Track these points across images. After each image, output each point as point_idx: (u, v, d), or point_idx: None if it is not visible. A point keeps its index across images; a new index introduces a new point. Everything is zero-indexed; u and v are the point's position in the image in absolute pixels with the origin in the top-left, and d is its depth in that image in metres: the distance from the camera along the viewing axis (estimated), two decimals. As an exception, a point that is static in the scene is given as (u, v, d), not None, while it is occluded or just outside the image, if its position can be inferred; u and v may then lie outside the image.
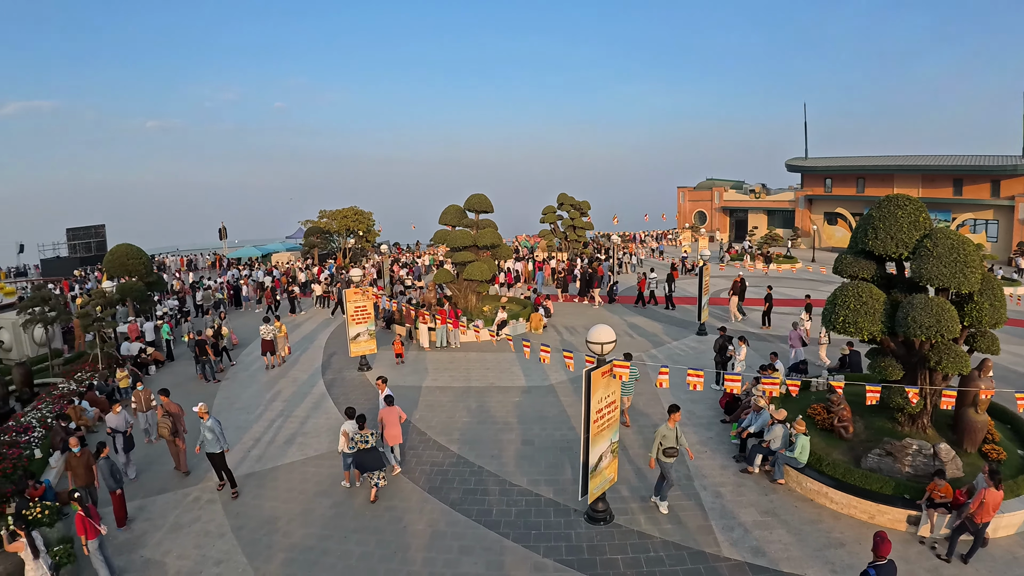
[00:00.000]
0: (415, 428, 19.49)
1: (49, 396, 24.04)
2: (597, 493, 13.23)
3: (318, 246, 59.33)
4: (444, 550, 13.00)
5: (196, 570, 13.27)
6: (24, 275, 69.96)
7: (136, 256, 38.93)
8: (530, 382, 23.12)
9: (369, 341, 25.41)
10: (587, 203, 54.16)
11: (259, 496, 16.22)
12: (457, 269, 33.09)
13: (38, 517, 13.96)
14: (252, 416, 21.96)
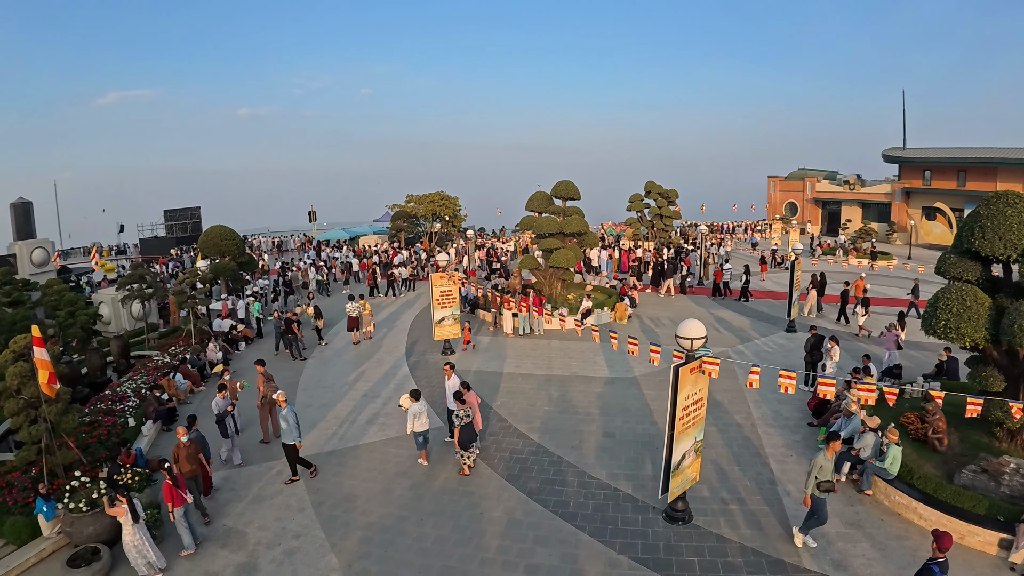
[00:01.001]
0: (496, 415, 19.56)
1: (144, 368, 25.07)
2: (678, 492, 12.91)
3: (405, 230, 60.02)
4: (519, 539, 12.99)
5: (275, 542, 13.70)
6: (124, 253, 73.13)
7: (229, 237, 40.16)
8: (613, 373, 22.83)
9: (453, 325, 25.59)
10: (675, 191, 53.00)
11: (339, 474, 16.60)
12: (543, 256, 32.99)
13: (129, 482, 14.56)
14: (336, 395, 22.45)
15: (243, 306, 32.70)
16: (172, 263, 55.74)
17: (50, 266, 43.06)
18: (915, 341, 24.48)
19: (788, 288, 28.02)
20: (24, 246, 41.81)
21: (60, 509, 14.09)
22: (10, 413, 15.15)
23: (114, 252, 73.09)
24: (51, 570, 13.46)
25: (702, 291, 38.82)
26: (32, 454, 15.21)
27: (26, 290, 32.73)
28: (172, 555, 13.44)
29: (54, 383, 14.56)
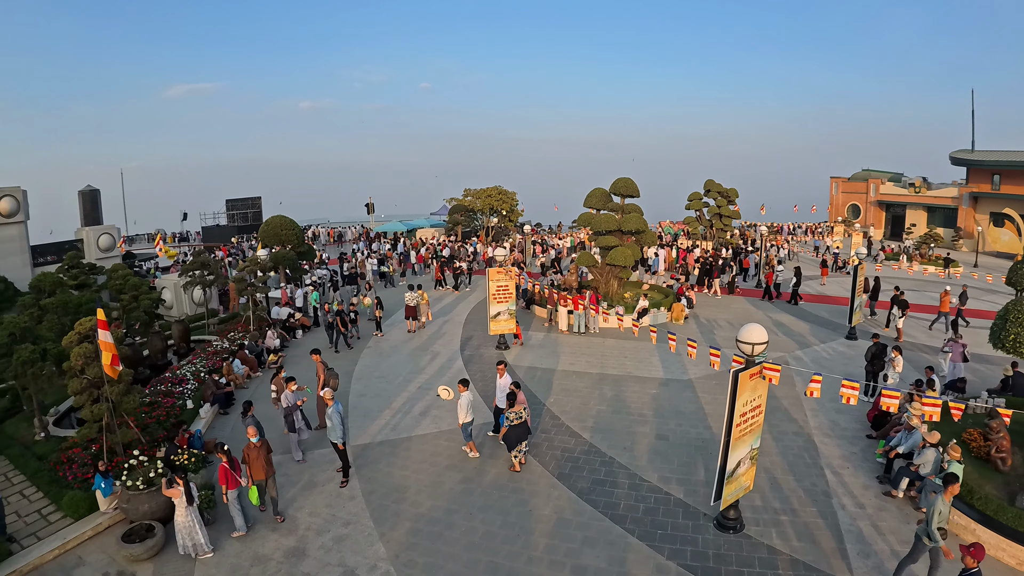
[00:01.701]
0: (548, 411, 19.55)
1: (203, 352, 25.74)
2: (730, 500, 12.70)
3: (462, 223, 60.22)
4: (567, 539, 12.96)
5: (325, 528, 13.95)
6: (186, 240, 74.86)
7: (289, 227, 41.04)
8: (668, 374, 22.60)
9: (509, 320, 25.64)
10: (735, 191, 51.58)
11: (391, 464, 16.80)
12: (600, 253, 32.82)
13: (185, 463, 15.05)
14: (391, 385, 22.71)
15: (301, 295, 33.33)
16: (233, 251, 56.91)
17: (115, 251, 44.45)
18: (978, 354, 23.55)
19: (850, 294, 27.33)
20: (91, 232, 43.19)
21: (118, 486, 14.59)
22: (74, 392, 15.72)
23: (177, 239, 74.95)
24: (106, 544, 13.96)
25: (749, 292, 38.30)
26: (93, 432, 15.79)
27: (92, 274, 33.81)
28: (223, 536, 13.84)
29: (117, 365, 15.04)
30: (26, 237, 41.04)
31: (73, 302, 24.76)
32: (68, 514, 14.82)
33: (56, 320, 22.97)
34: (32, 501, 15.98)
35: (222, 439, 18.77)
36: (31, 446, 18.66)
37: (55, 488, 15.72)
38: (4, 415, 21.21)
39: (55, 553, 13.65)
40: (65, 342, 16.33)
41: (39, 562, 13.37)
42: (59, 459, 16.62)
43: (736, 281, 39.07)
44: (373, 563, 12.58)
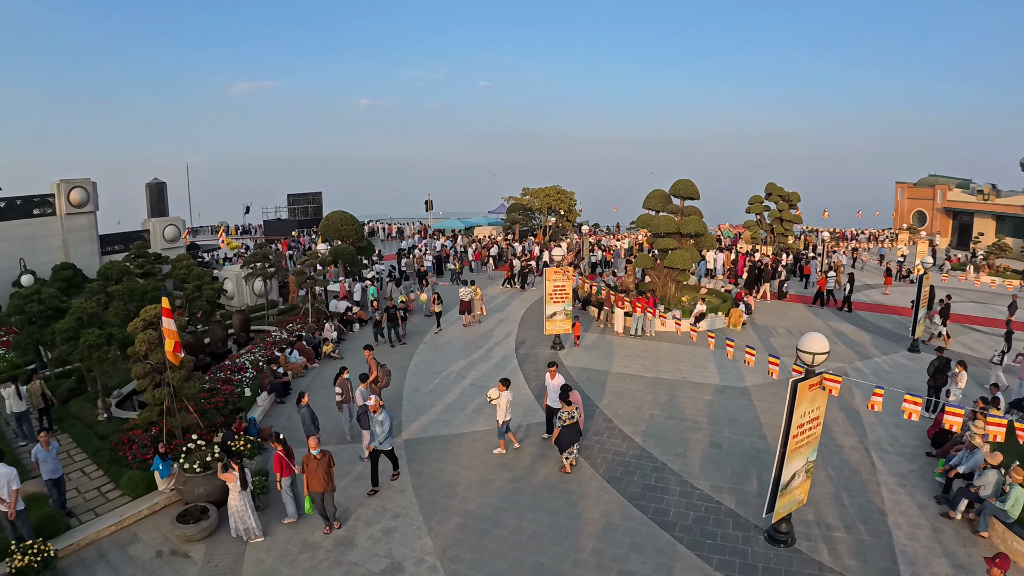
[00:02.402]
0: (601, 414, 19.51)
1: (262, 342, 26.38)
2: (783, 513, 12.48)
3: (519, 222, 60.24)
4: (615, 543, 12.90)
5: (374, 519, 14.21)
6: (248, 233, 76.58)
7: (349, 222, 41.62)
8: (724, 381, 22.30)
9: (564, 321, 25.63)
10: (796, 194, 50.87)
11: (442, 460, 17.00)
12: (658, 256, 32.59)
13: (241, 449, 15.52)
14: (445, 382, 22.95)
15: (360, 289, 33.77)
16: (293, 245, 57.97)
17: (180, 242, 45.93)
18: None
19: (914, 304, 26.59)
20: (157, 223, 44.69)
21: (175, 468, 15.11)
22: (137, 376, 16.38)
23: (239, 232, 76.62)
24: (161, 523, 14.50)
25: (799, 298, 37.60)
26: (154, 415, 16.43)
27: (158, 263, 34.90)
28: (275, 521, 14.26)
29: (179, 352, 15.57)
30: (95, 227, 42.56)
31: (138, 290, 25.56)
32: (126, 492, 15.44)
33: (122, 306, 23.79)
34: (92, 478, 16.65)
35: (278, 427, 19.29)
36: (94, 426, 19.44)
37: (115, 467, 16.43)
38: (69, 395, 22.04)
39: (111, 529, 14.25)
40: (130, 328, 16.96)
41: (95, 537, 13.95)
42: (120, 439, 17.28)
43: (787, 287, 38.39)
44: (420, 556, 12.75)
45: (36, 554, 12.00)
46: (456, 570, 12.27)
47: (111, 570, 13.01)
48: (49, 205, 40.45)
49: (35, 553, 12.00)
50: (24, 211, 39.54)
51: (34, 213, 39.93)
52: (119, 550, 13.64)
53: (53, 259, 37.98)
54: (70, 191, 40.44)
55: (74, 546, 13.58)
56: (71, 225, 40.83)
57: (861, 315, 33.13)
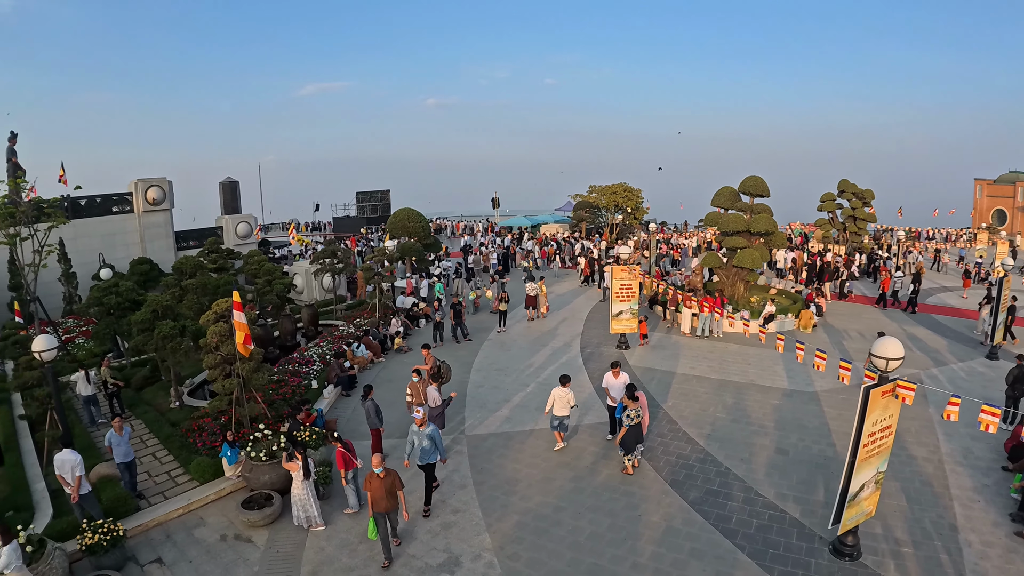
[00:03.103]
0: (666, 415, 19.26)
1: (330, 336, 26.91)
2: (850, 525, 11.98)
3: (586, 220, 59.96)
4: (674, 548, 12.68)
5: (434, 513, 14.36)
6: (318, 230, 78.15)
7: (416, 219, 42.31)
8: (792, 385, 21.71)
9: (631, 320, 25.40)
10: (870, 192, 49.01)
11: (504, 456, 17.05)
12: (726, 254, 32.05)
13: (306, 440, 15.86)
14: (509, 378, 23.07)
15: (426, 285, 34.08)
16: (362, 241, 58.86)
17: (252, 239, 47.51)
18: None
19: (993, 310, 25.36)
20: (230, 220, 46.33)
21: (242, 456, 15.56)
22: (208, 366, 17.04)
23: (309, 229, 78.20)
24: (227, 508, 15.02)
25: (860, 299, 36.45)
26: (223, 404, 17.01)
27: (230, 259, 35.94)
28: (336, 511, 14.60)
29: (249, 344, 16.03)
30: (171, 223, 44.70)
31: (211, 284, 26.27)
32: (194, 477, 16.04)
33: (195, 300, 24.55)
34: (163, 463, 17.42)
35: (343, 420, 19.66)
36: (166, 413, 20.35)
37: (185, 453, 17.11)
38: (144, 383, 22.86)
39: (179, 512, 14.84)
40: (202, 320, 17.52)
41: (164, 519, 14.57)
42: (190, 427, 18.03)
43: (849, 287, 37.27)
44: (478, 552, 12.82)
45: (105, 533, 12.53)
46: (512, 568, 12.28)
47: (177, 551, 13.50)
48: (127, 203, 42.54)
49: (104, 532, 12.53)
50: (104, 208, 41.59)
51: (113, 210, 42.07)
52: (185, 532, 14.18)
53: (131, 254, 39.65)
54: (147, 189, 42.44)
55: (142, 527, 14.19)
56: (148, 222, 42.78)
57: (937, 319, 31.93)
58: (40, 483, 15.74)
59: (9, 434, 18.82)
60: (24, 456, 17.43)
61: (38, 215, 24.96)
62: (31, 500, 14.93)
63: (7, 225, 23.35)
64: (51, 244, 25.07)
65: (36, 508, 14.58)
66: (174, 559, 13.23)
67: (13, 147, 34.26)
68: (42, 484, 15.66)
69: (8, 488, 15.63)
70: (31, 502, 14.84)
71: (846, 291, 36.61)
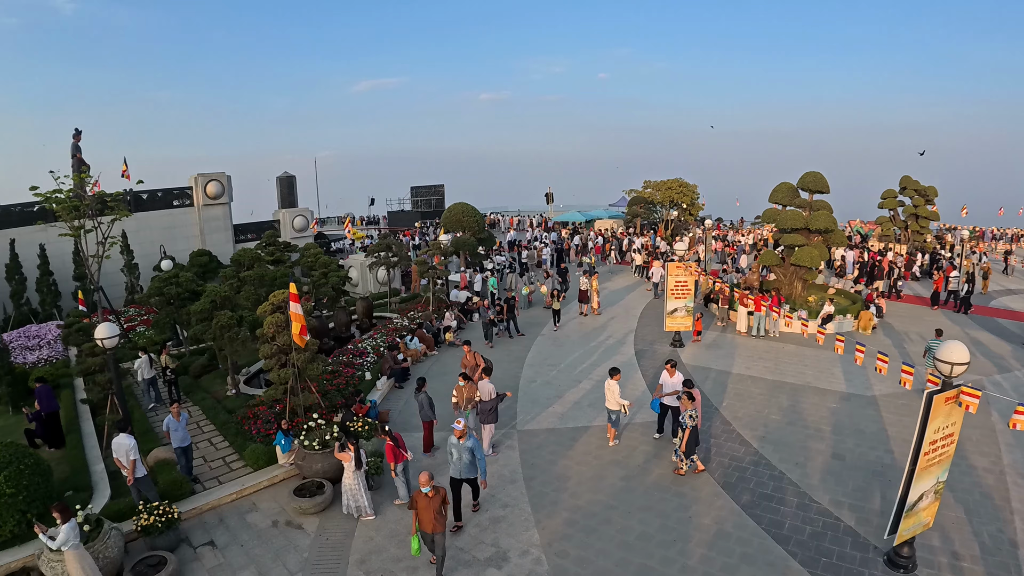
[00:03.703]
0: (720, 416, 19.06)
1: (384, 328, 27.20)
2: (907, 536, 11.62)
3: (641, 215, 59.50)
4: (725, 552, 12.51)
5: (483, 507, 14.44)
6: (374, 224, 79.19)
7: (471, 214, 42.47)
8: (850, 388, 21.21)
9: (685, 318, 25.22)
10: (933, 189, 47.08)
11: (555, 452, 17.05)
12: (784, 252, 31.54)
13: (359, 430, 16.16)
14: (561, 374, 23.08)
15: (480, 280, 34.24)
16: (416, 235, 59.44)
17: (308, 232, 48.48)
18: None
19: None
20: (287, 214, 47.48)
21: (296, 444, 15.91)
22: (264, 356, 17.45)
23: (364, 223, 79.19)
24: (279, 495, 15.37)
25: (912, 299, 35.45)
26: (278, 393, 17.39)
27: (287, 251, 36.74)
28: (387, 501, 14.85)
29: (305, 335, 16.37)
30: (229, 217, 46.28)
31: (269, 276, 26.88)
32: (248, 464, 16.47)
33: (253, 291, 25.19)
34: (218, 449, 17.97)
35: (395, 412, 19.92)
36: (222, 400, 20.97)
37: (240, 439, 17.59)
38: (202, 371, 23.50)
39: (232, 497, 15.27)
40: (260, 311, 17.92)
41: (217, 503, 15.01)
42: (246, 414, 18.54)
43: (900, 286, 36.29)
44: (526, 548, 12.84)
45: (161, 515, 12.98)
46: (560, 565, 12.28)
47: (229, 534, 13.90)
48: (187, 197, 44.09)
49: (160, 514, 12.98)
50: (165, 202, 43.29)
51: (174, 204, 43.67)
52: (238, 516, 14.59)
53: (190, 246, 40.91)
54: (206, 184, 43.89)
55: (196, 510, 14.67)
56: (207, 215, 44.25)
57: (1001, 323, 30.74)
58: (99, 465, 16.30)
59: (71, 418, 19.54)
60: (84, 439, 18.07)
61: (101, 208, 25.73)
62: (90, 481, 15.46)
63: (72, 218, 24.10)
64: (114, 236, 25.94)
65: (95, 489, 15.09)
66: (226, 542, 13.61)
67: (77, 144, 35.32)
68: (101, 466, 16.21)
69: (68, 469, 16.28)
70: (90, 483, 15.37)
71: (897, 290, 35.65)
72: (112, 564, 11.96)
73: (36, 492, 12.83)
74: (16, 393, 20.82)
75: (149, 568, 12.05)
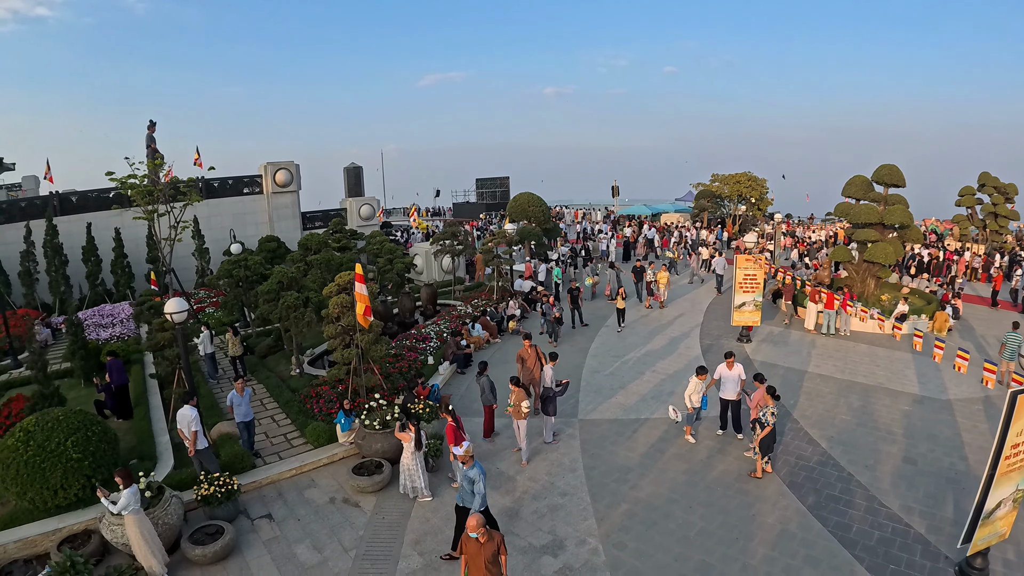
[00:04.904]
0: (787, 414, 18.58)
1: (448, 315, 27.32)
2: (981, 546, 11.00)
3: (708, 209, 58.58)
4: (788, 553, 12.13)
5: (541, 494, 14.41)
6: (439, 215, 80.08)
7: (536, 204, 42.48)
8: (924, 391, 20.35)
9: (754, 312, 24.74)
10: (1014, 186, 45.05)
11: (617, 443, 16.92)
12: (857, 249, 30.63)
13: (420, 412, 16.22)
14: (625, 365, 22.97)
15: (544, 270, 34.18)
16: (481, 226, 59.78)
17: (375, 220, 49.36)
18: None
19: None
20: (353, 202, 48.50)
21: (356, 424, 16.20)
22: (329, 336, 17.80)
23: (430, 214, 79.98)
24: (338, 473, 15.68)
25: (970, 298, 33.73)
26: (341, 373, 17.76)
27: (353, 239, 37.31)
28: (444, 484, 15.00)
29: (369, 315, 16.66)
30: (298, 204, 47.78)
31: (335, 260, 27.20)
32: (309, 441, 16.83)
33: (319, 274, 25.70)
34: (280, 426, 18.36)
35: (456, 397, 20.05)
36: (286, 380, 21.47)
37: (302, 417, 17.97)
38: (268, 351, 23.99)
39: (292, 473, 15.59)
40: (326, 292, 18.28)
41: (277, 478, 15.36)
42: (309, 393, 18.89)
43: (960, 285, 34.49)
44: (583, 537, 12.72)
45: (221, 485, 13.32)
46: (618, 556, 12.13)
47: (287, 509, 14.19)
48: (257, 185, 45.40)
49: (220, 485, 13.32)
50: (235, 190, 44.90)
51: (244, 192, 44.97)
52: (297, 492, 14.89)
53: (259, 232, 42.15)
54: (276, 172, 45.14)
55: (256, 484, 15.04)
56: (276, 203, 45.62)
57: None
58: (164, 436, 16.82)
59: (140, 391, 20.15)
60: (152, 411, 18.68)
61: (174, 194, 26.47)
62: (155, 451, 15.94)
63: (146, 203, 24.82)
64: (186, 221, 26.71)
65: (159, 458, 15.56)
66: (283, 516, 13.89)
67: (152, 135, 36.40)
68: (166, 437, 16.74)
69: (135, 439, 16.81)
70: (155, 453, 15.84)
71: (957, 290, 34.12)
72: (171, 530, 12.27)
73: (102, 458, 13.26)
74: (88, 367, 21.53)
75: (207, 536, 12.41)
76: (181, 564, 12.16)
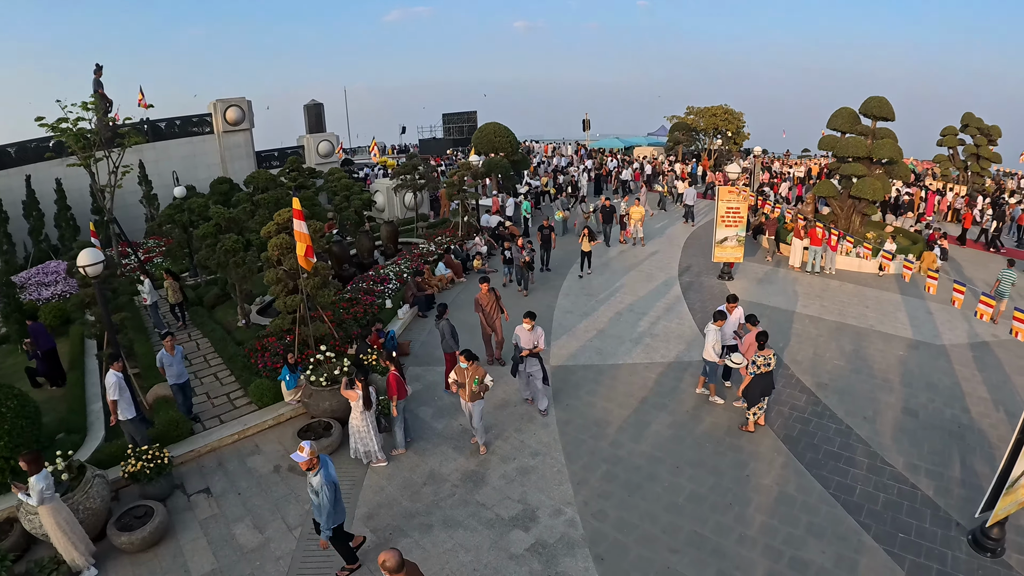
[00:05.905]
0: (778, 361, 17.13)
1: (409, 254, 25.69)
2: (1002, 515, 9.78)
3: (683, 143, 56.98)
4: (789, 521, 10.84)
5: (511, 455, 13.00)
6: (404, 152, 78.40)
7: (503, 134, 40.78)
8: (918, 335, 19.08)
9: (736, 248, 23.41)
10: (997, 128, 43.30)
11: (593, 392, 15.49)
12: (842, 184, 29.26)
13: (373, 364, 14.65)
14: (600, 305, 21.58)
15: (512, 204, 32.70)
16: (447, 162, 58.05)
17: (334, 157, 47.68)
18: None
19: None
20: (312, 139, 46.96)
21: (302, 380, 14.39)
22: (269, 282, 15.79)
23: (396, 152, 77.81)
24: (284, 436, 14.09)
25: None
26: (287, 323, 15.80)
27: (312, 177, 35.61)
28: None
29: (311, 256, 14.66)
30: (251, 143, 45.72)
31: (285, 199, 25.29)
32: (254, 401, 15.14)
33: (267, 215, 23.70)
34: (224, 384, 16.62)
35: (417, 342, 18.63)
36: (233, 332, 19.51)
37: (246, 374, 16.13)
38: (216, 301, 22.58)
39: (234, 438, 13.96)
40: (264, 232, 16.38)
41: (217, 445, 13.73)
42: (254, 346, 17.01)
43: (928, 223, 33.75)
44: (558, 506, 11.39)
45: (150, 460, 11.69)
46: (598, 528, 10.81)
47: (227, 480, 12.66)
48: (207, 124, 43.78)
49: (149, 459, 11.69)
50: (184, 131, 42.60)
51: (192, 132, 42.71)
52: (239, 460, 13.30)
53: (212, 175, 39.93)
54: (226, 110, 43.45)
55: (194, 452, 13.41)
56: (228, 142, 43.82)
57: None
58: (97, 404, 15.11)
59: (77, 353, 18.35)
60: (88, 376, 16.90)
61: (112, 137, 24.68)
62: (85, 422, 14.32)
63: (80, 147, 23.08)
64: (127, 165, 25.19)
65: (89, 430, 13.97)
66: (223, 490, 12.36)
67: (99, 79, 33.75)
68: (99, 405, 15.01)
69: (64, 408, 15.06)
70: (85, 424, 14.23)
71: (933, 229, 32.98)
72: (95, 516, 10.70)
73: (21, 437, 11.43)
74: (23, 331, 19.64)
75: (135, 520, 10.77)
76: (109, 553, 10.60)
